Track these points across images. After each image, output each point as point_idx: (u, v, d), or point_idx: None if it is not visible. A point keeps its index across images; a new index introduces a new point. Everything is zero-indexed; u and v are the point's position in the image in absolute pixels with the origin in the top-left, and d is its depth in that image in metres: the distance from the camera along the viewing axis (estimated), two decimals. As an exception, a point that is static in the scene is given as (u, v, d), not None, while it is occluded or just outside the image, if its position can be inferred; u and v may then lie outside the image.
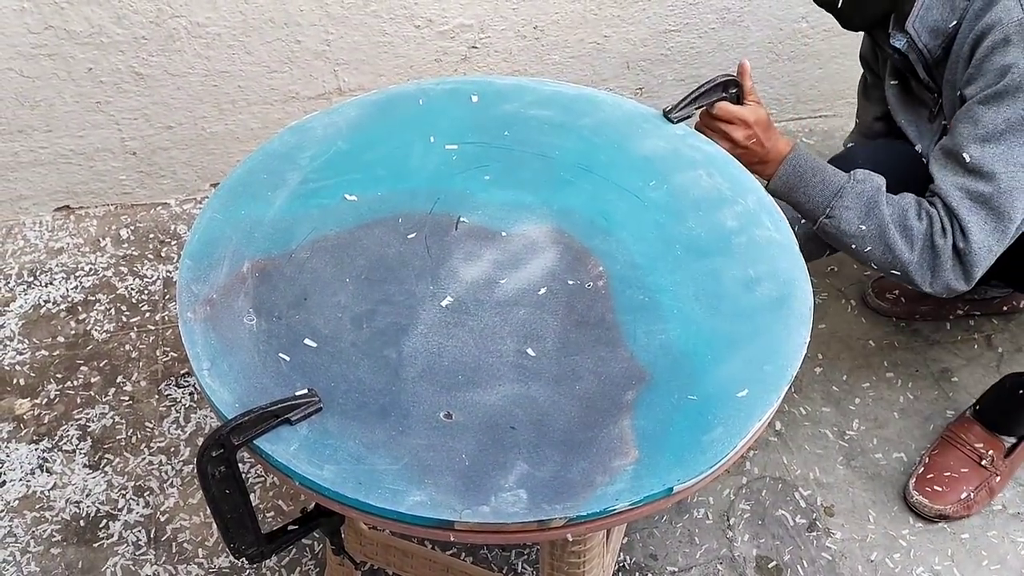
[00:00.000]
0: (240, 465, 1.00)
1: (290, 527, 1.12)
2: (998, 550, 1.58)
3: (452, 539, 0.94)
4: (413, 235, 1.17)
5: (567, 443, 0.97)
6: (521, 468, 0.94)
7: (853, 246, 1.36)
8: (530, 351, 1.05)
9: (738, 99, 1.39)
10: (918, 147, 1.55)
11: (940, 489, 1.60)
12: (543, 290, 1.11)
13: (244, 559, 1.07)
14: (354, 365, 1.02)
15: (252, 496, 1.61)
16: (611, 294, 1.11)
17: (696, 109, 1.35)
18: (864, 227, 1.34)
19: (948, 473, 1.62)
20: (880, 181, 1.36)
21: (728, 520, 1.62)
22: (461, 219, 1.19)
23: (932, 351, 1.89)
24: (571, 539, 1.08)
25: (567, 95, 1.39)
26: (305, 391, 0.98)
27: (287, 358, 1.03)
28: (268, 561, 1.51)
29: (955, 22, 1.36)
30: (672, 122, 1.33)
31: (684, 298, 1.11)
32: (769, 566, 1.56)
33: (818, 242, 1.47)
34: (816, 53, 2.31)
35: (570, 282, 1.12)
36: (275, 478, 1.58)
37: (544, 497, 0.92)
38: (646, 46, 2.18)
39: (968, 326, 1.94)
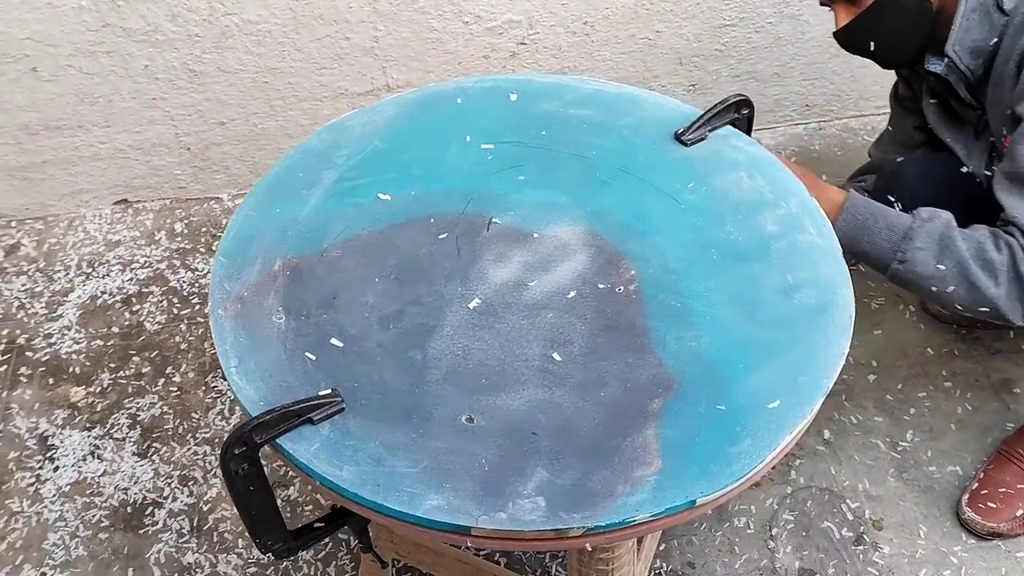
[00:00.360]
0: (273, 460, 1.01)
1: (316, 524, 1.12)
2: (1056, 570, 1.51)
3: (469, 544, 0.93)
4: (444, 235, 1.16)
5: (589, 451, 0.95)
6: (541, 475, 0.93)
7: (933, 288, 1.28)
8: (556, 356, 1.03)
9: (750, 121, 1.33)
10: (967, 167, 1.48)
11: (994, 506, 1.54)
12: (572, 293, 1.09)
13: (271, 554, 1.08)
14: (379, 366, 1.02)
15: (291, 490, 1.63)
16: (642, 299, 1.09)
17: (710, 131, 1.29)
18: (942, 267, 1.26)
19: (1004, 489, 1.55)
20: (947, 216, 1.28)
21: (771, 530, 1.58)
22: (493, 220, 1.18)
23: (994, 361, 1.82)
24: (589, 548, 1.06)
25: (608, 94, 1.37)
26: (329, 391, 0.98)
27: (313, 357, 1.03)
28: (305, 554, 1.52)
29: (995, 39, 1.31)
30: (686, 145, 1.28)
31: (718, 304, 1.08)
32: (812, 578, 1.52)
33: None
34: (879, 49, 2.23)
35: (601, 286, 1.10)
36: (314, 473, 1.59)
37: (563, 505, 0.90)
38: (700, 41, 2.14)
39: (1033, 335, 1.86)
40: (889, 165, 1.65)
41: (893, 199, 1.45)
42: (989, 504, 1.54)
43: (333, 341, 1.04)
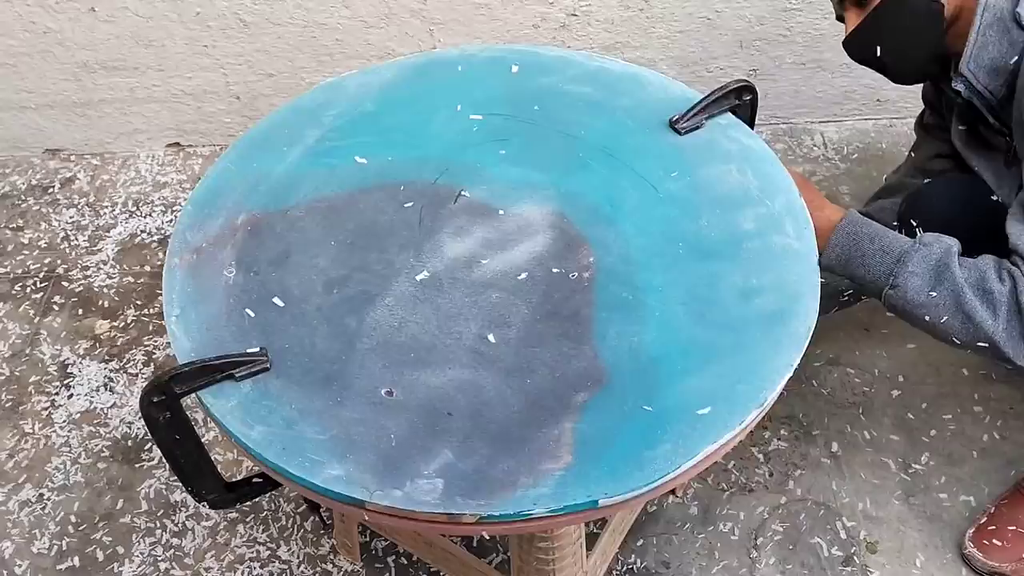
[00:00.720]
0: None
1: (255, 480, 1.14)
2: (1061, 621, 1.41)
3: (366, 519, 0.92)
4: (410, 204, 1.15)
5: (500, 437, 0.92)
6: (445, 456, 0.91)
7: (927, 318, 1.17)
8: (491, 337, 1.01)
9: (753, 108, 1.26)
10: (997, 196, 1.36)
11: (1000, 544, 1.44)
12: (523, 275, 1.06)
13: (205, 503, 1.10)
14: (312, 329, 1.02)
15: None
16: (594, 287, 1.05)
17: (707, 118, 1.22)
18: (935, 294, 1.15)
19: (1013, 528, 1.44)
20: (951, 242, 1.17)
21: (756, 539, 1.52)
22: (463, 193, 1.16)
23: (1036, 388, 1.70)
24: (486, 536, 1.04)
25: (612, 72, 1.32)
26: (257, 349, 0.99)
27: (252, 314, 1.03)
28: (285, 505, 1.55)
29: (1015, 57, 1.19)
30: (680, 133, 1.21)
31: (671, 300, 1.03)
32: (791, 595, 1.45)
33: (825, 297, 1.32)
34: (962, 45, 2.08)
35: (554, 270, 1.07)
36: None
37: (460, 490, 0.88)
38: (763, 24, 2.04)
39: (1086, 366, 1.72)
40: (907, 188, 1.55)
41: (915, 223, 1.35)
42: (995, 541, 1.44)
43: (275, 300, 1.05)
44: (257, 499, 1.56)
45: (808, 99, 2.19)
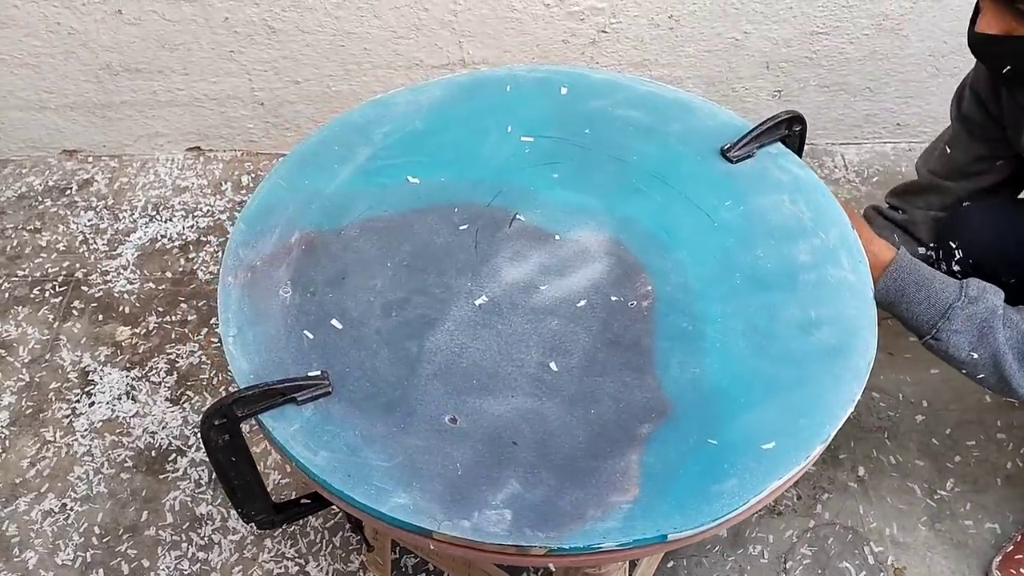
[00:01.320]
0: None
1: (303, 500, 1.13)
2: (1087, 651, 1.42)
3: (432, 547, 0.91)
4: (465, 227, 1.14)
5: (567, 468, 0.92)
6: (512, 487, 0.91)
7: (963, 371, 1.19)
8: (553, 365, 1.00)
9: (802, 139, 1.26)
10: None
11: (1027, 572, 1.45)
12: (583, 302, 1.06)
13: (253, 524, 1.09)
14: (373, 353, 1.01)
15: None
16: (653, 317, 1.05)
17: (758, 147, 1.22)
18: (976, 355, 1.16)
19: (1041, 556, 1.46)
20: (997, 302, 1.16)
21: (785, 563, 1.52)
22: (517, 216, 1.15)
23: (1057, 417, 1.71)
24: (552, 568, 1.04)
25: (662, 97, 1.32)
26: (318, 373, 0.98)
27: (311, 336, 1.03)
28: (313, 520, 1.54)
29: None
30: (732, 161, 1.21)
31: (731, 332, 1.04)
32: (820, 620, 1.46)
33: None
34: (984, 71, 2.10)
35: (613, 298, 1.07)
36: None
37: (529, 522, 0.88)
38: (789, 47, 2.05)
39: (1106, 395, 1.73)
40: (941, 191, 1.53)
41: (954, 246, 1.35)
42: (1021, 570, 1.45)
43: (333, 322, 1.04)
44: (285, 513, 1.55)
45: (830, 121, 2.20)
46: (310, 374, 0.98)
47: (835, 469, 1.64)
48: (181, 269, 1.96)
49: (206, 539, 1.54)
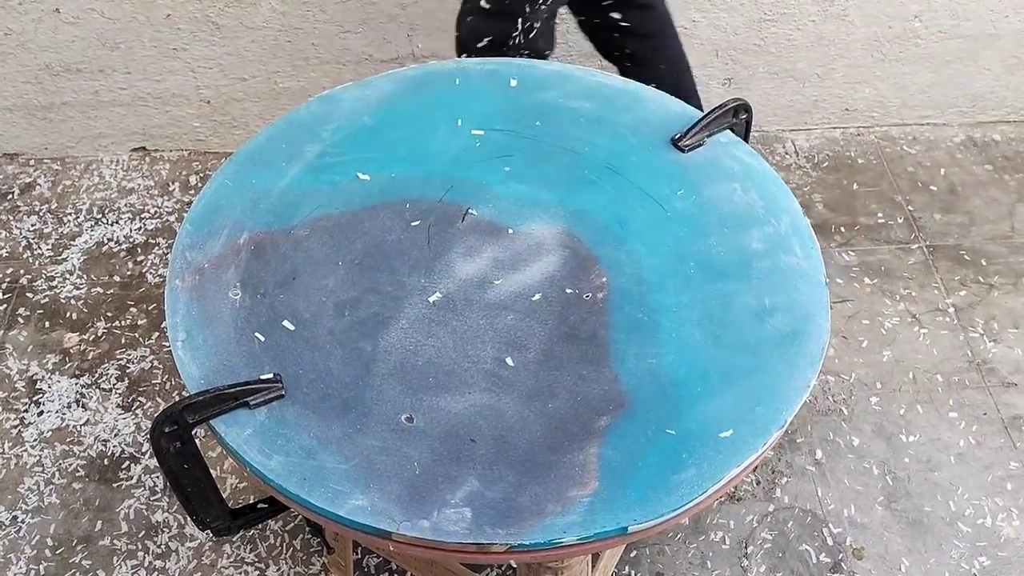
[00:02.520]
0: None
1: (260, 505, 1.11)
2: (1040, 622, 1.45)
3: (391, 549, 0.90)
4: (417, 223, 1.13)
5: (526, 464, 0.91)
6: (472, 485, 0.90)
7: None
8: (509, 360, 1.00)
9: (748, 126, 1.26)
10: None
11: None
12: (537, 296, 1.06)
13: (209, 531, 1.07)
14: (326, 354, 1.00)
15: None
16: (609, 308, 1.05)
17: (708, 136, 1.22)
18: None
19: None
20: None
21: (746, 548, 1.53)
22: (470, 211, 1.14)
23: (1006, 394, 1.74)
24: (514, 564, 1.03)
25: (612, 88, 1.31)
26: (271, 376, 0.96)
27: (262, 338, 1.01)
28: (273, 524, 1.52)
29: None
30: (683, 151, 1.21)
31: (686, 322, 1.03)
32: (781, 603, 1.47)
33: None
34: (928, 56, 2.13)
35: (568, 291, 1.06)
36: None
37: (489, 519, 0.87)
38: (738, 35, 2.06)
39: (1053, 371, 1.78)
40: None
41: None
42: None
43: (285, 323, 1.02)
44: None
45: (780, 108, 2.22)
46: (262, 377, 0.96)
47: (793, 453, 1.65)
48: (129, 273, 1.92)
49: (163, 547, 1.51)
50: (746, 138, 1.28)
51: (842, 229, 2.04)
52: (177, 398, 1.71)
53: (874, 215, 2.07)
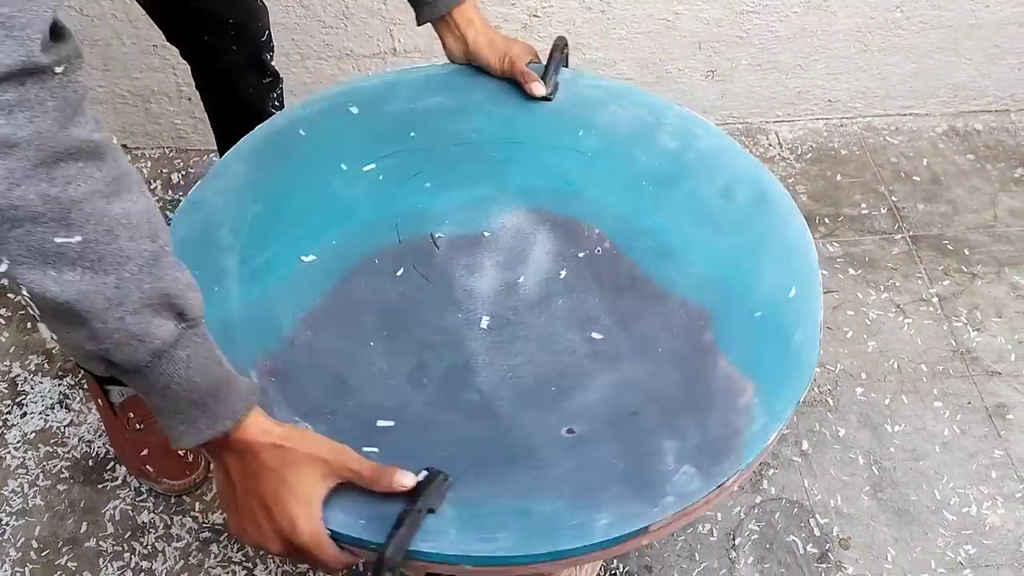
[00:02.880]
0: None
1: None
2: (1025, 609, 1.46)
3: (644, 543, 0.89)
4: (401, 271, 1.04)
5: (688, 403, 0.93)
6: (672, 445, 0.89)
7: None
8: (595, 335, 0.99)
9: (566, 60, 1.31)
10: None
11: None
12: (563, 272, 1.05)
13: None
14: (445, 425, 0.91)
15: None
16: (623, 251, 1.07)
17: (556, 77, 1.26)
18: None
19: None
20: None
21: (734, 540, 1.54)
22: (436, 235, 1.09)
23: (990, 383, 1.75)
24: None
25: (442, 76, 1.29)
26: (424, 473, 0.84)
27: (376, 450, 0.89)
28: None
29: None
30: (550, 100, 1.24)
31: (685, 229, 1.10)
32: (770, 594, 1.48)
33: None
34: (910, 46, 2.14)
35: (580, 255, 1.07)
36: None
37: (712, 460, 0.88)
38: (720, 26, 2.06)
39: (1036, 359, 1.79)
40: None
41: None
42: None
43: (380, 423, 0.91)
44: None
45: (763, 99, 2.22)
46: (420, 479, 0.84)
47: (779, 444, 1.66)
48: (112, 272, 1.90)
49: (149, 548, 1.50)
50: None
51: (826, 220, 2.04)
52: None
53: (858, 206, 2.08)
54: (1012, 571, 1.50)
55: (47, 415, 1.67)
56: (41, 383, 1.71)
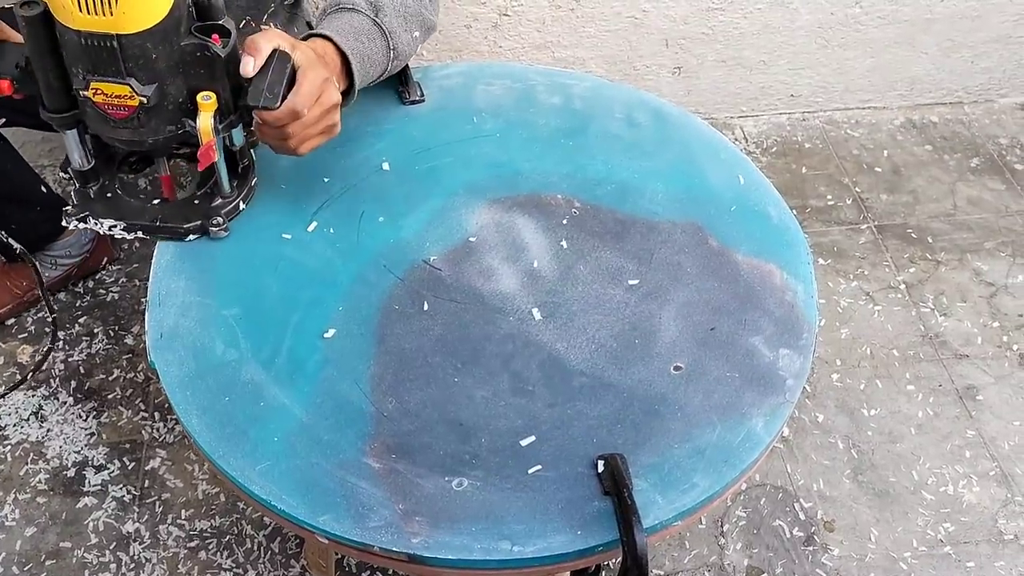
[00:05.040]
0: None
1: None
2: (1004, 582, 1.51)
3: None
4: (426, 305, 1.03)
5: (742, 301, 1.03)
6: (758, 340, 1.00)
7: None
8: (632, 281, 1.05)
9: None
10: None
11: None
12: (565, 243, 1.09)
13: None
14: (578, 416, 0.94)
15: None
16: (594, 203, 1.14)
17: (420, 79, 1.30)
18: (416, 33, 1.22)
19: None
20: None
21: (722, 527, 1.56)
22: (427, 260, 1.08)
23: (959, 366, 1.80)
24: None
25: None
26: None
27: (540, 467, 0.90)
28: (247, 528, 1.49)
29: None
30: (422, 101, 1.28)
31: (624, 164, 1.18)
32: (759, 578, 1.50)
33: None
34: (868, 41, 2.19)
35: (564, 221, 1.11)
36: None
37: (793, 335, 1.01)
38: (687, 23, 2.09)
39: (1002, 342, 1.84)
40: None
41: None
42: None
43: (523, 442, 0.92)
44: (219, 524, 1.50)
45: (728, 95, 2.26)
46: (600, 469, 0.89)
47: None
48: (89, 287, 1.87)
49: (136, 558, 1.47)
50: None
51: (794, 212, 2.07)
52: (142, 407, 1.67)
53: (823, 197, 2.13)
54: (990, 547, 1.54)
55: (22, 427, 1.63)
56: (15, 395, 1.67)
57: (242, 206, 1.11)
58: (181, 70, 0.97)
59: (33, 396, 1.67)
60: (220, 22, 0.98)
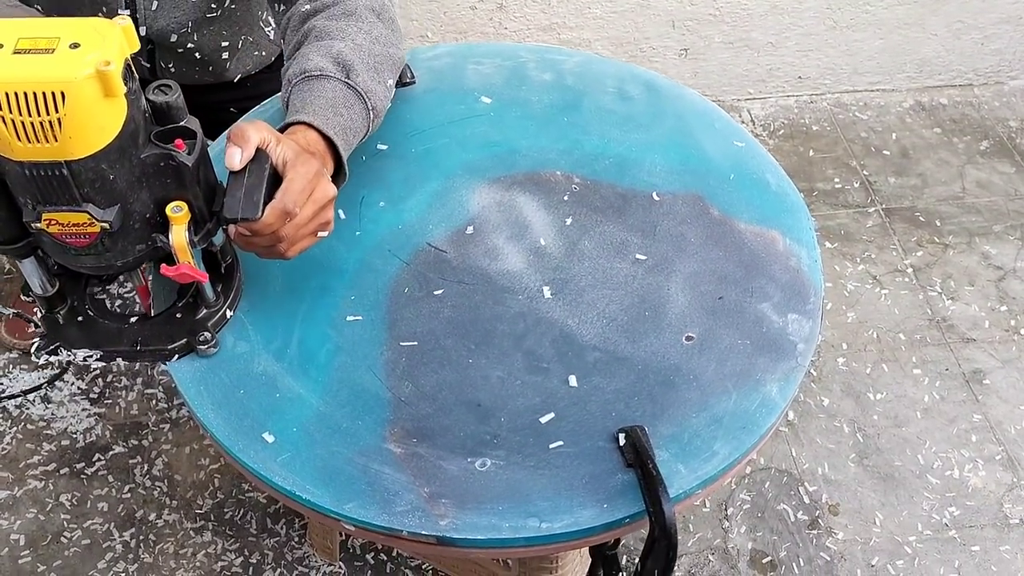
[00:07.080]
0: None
1: None
2: (1009, 566, 1.50)
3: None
4: (439, 291, 1.01)
5: (748, 268, 1.03)
6: (766, 307, 0.99)
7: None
8: (639, 256, 1.04)
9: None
10: None
11: None
12: (568, 220, 1.07)
13: None
14: (595, 390, 0.93)
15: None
16: (593, 178, 1.12)
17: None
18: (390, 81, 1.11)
19: None
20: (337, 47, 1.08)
21: (726, 510, 1.56)
22: (430, 245, 1.06)
23: (966, 350, 1.80)
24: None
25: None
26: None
27: (561, 443, 0.89)
28: (255, 515, 1.50)
29: None
30: (413, 82, 1.24)
31: (621, 137, 1.16)
32: (763, 561, 1.50)
33: None
34: (878, 22, 2.17)
35: (566, 198, 1.10)
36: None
37: (801, 299, 1.00)
38: (694, 4, 2.07)
39: (1009, 326, 1.83)
40: None
41: None
42: None
43: (543, 420, 0.91)
44: (224, 505, 1.51)
45: (735, 77, 2.24)
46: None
47: (766, 415, 1.68)
48: (87, 261, 1.87)
49: (141, 537, 1.48)
50: None
51: (801, 195, 2.07)
52: (144, 387, 1.67)
53: (831, 180, 2.11)
54: (995, 531, 1.54)
55: (29, 407, 1.63)
56: (22, 376, 1.68)
57: (229, 314, 0.97)
58: (145, 184, 0.83)
59: (39, 377, 1.68)
60: (182, 123, 0.84)
